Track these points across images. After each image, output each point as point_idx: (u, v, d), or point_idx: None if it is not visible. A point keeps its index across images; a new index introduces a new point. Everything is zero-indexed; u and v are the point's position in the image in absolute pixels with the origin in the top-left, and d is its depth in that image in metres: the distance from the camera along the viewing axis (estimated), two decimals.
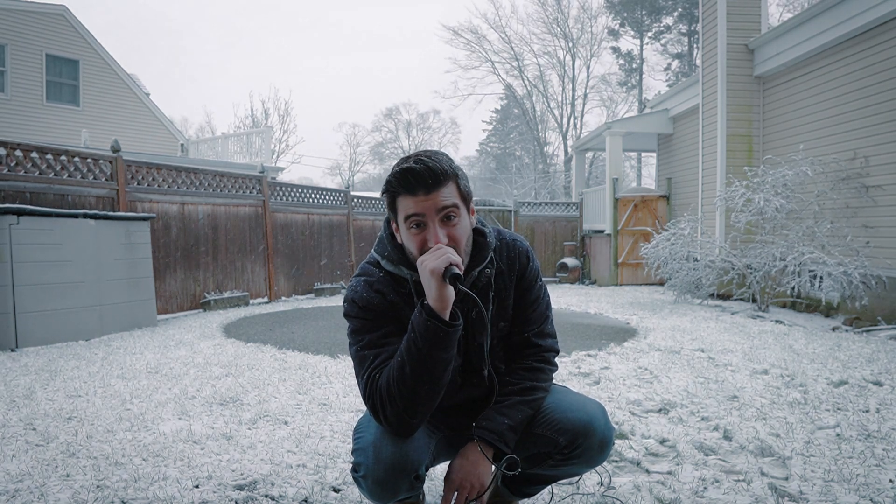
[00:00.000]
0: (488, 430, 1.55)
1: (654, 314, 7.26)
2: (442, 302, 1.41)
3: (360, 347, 1.53)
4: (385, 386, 1.44)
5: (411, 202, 1.46)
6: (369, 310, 1.54)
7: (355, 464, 1.47)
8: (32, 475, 2.25)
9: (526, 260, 1.69)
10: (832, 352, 4.74)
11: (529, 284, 1.69)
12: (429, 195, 1.45)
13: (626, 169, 33.60)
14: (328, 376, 3.97)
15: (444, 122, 51.03)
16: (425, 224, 1.46)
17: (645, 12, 32.50)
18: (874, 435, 2.70)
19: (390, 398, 1.43)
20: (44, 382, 3.78)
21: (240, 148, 17.82)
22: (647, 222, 12.25)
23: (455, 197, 1.48)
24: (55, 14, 14.70)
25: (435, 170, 1.45)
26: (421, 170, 1.44)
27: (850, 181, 7.24)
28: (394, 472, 1.42)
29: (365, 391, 1.48)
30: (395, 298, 1.55)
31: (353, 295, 1.57)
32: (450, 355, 1.45)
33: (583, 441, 1.58)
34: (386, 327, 1.54)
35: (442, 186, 1.46)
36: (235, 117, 54.03)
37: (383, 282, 1.57)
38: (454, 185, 1.49)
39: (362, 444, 1.47)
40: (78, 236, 5.65)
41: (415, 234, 1.47)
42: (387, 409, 1.44)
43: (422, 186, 1.44)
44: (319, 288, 10.24)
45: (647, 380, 3.82)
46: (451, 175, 1.48)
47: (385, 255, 1.59)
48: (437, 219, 1.46)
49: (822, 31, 7.62)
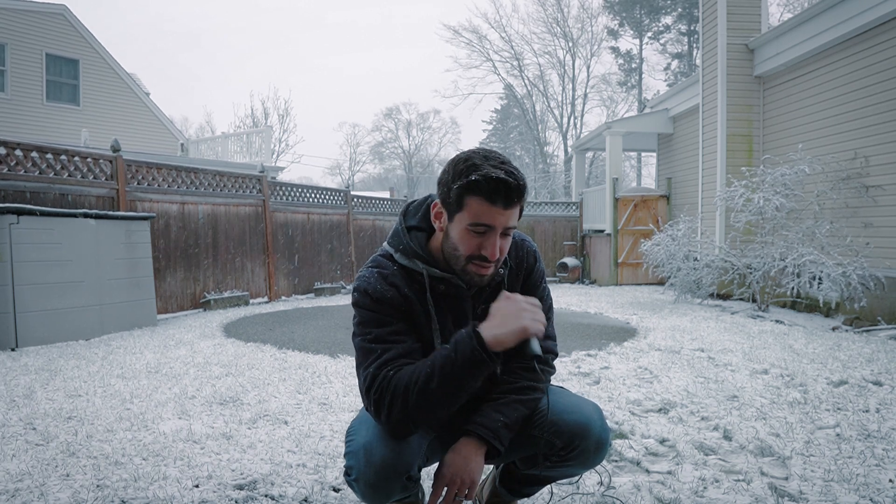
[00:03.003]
0: (482, 426, 1.53)
1: (654, 314, 7.26)
2: (501, 345, 1.39)
3: (367, 340, 1.51)
4: (403, 389, 1.41)
5: (487, 210, 1.42)
6: (382, 303, 1.51)
7: (347, 467, 1.46)
8: (32, 475, 2.25)
9: (533, 260, 1.69)
10: (832, 352, 4.74)
11: (535, 284, 1.69)
12: (506, 210, 1.43)
13: (626, 169, 33.61)
14: (328, 376, 3.97)
15: (444, 121, 51.04)
16: (487, 235, 1.45)
17: (644, 12, 32.50)
18: (874, 435, 2.70)
19: (404, 403, 1.40)
20: (44, 382, 3.78)
21: (240, 148, 17.82)
22: (647, 222, 12.24)
23: (518, 214, 1.49)
24: (55, 14, 14.70)
25: (521, 189, 1.43)
26: (513, 186, 1.41)
27: (849, 181, 7.24)
28: (385, 475, 1.41)
29: (371, 384, 1.45)
30: (409, 293, 1.54)
31: (367, 286, 1.53)
32: (479, 384, 1.43)
33: (579, 443, 1.57)
34: (396, 324, 1.52)
35: (518, 206, 1.46)
36: (235, 117, 54.15)
37: (398, 275, 1.55)
38: (522, 204, 1.49)
39: (353, 447, 1.45)
40: (78, 236, 5.65)
41: (473, 238, 1.45)
42: (393, 410, 1.41)
43: (506, 201, 1.42)
44: (319, 287, 10.25)
45: (647, 380, 3.82)
46: (525, 196, 1.48)
47: (400, 248, 1.57)
48: (500, 231, 1.45)
49: (822, 31, 7.62)
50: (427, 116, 48.11)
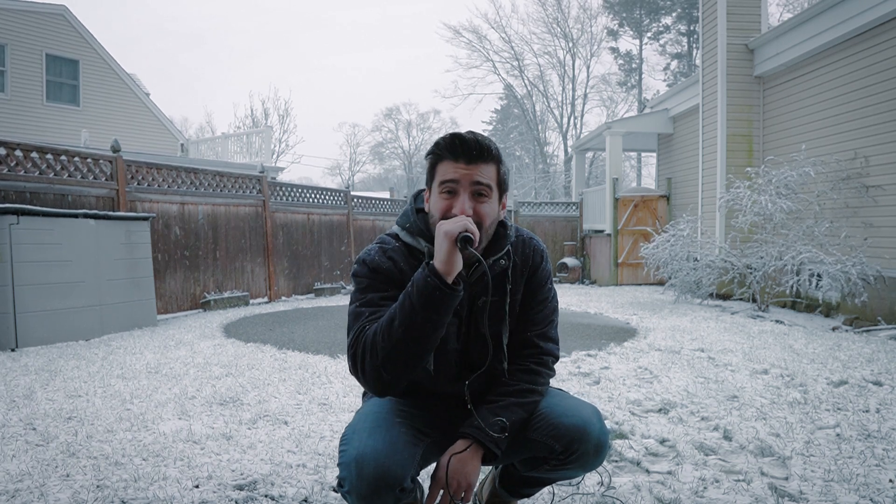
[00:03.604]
0: (479, 428, 1.52)
1: (654, 314, 7.26)
2: (448, 266, 1.41)
3: (358, 304, 1.56)
4: (371, 336, 1.45)
5: (451, 168, 1.51)
6: (378, 272, 1.57)
7: (340, 478, 1.45)
8: (32, 475, 2.25)
9: (540, 259, 1.70)
10: (832, 352, 4.74)
11: (540, 284, 1.69)
12: (469, 165, 1.50)
13: (626, 169, 33.60)
14: (328, 376, 3.97)
15: (444, 121, 50.95)
16: (457, 193, 1.51)
17: (644, 12, 32.51)
18: (874, 435, 2.70)
19: (372, 349, 1.44)
20: (44, 382, 3.78)
21: (240, 148, 17.82)
22: (647, 222, 12.25)
23: (492, 179, 1.53)
24: (55, 14, 14.70)
25: (482, 143, 1.51)
26: (469, 139, 1.50)
27: (850, 181, 7.24)
28: (377, 488, 1.39)
29: (350, 342, 1.50)
30: (406, 268, 1.57)
31: (366, 256, 1.60)
32: (442, 320, 1.43)
33: (578, 446, 1.56)
34: (388, 291, 1.55)
35: (483, 163, 1.51)
36: (235, 117, 54.15)
37: (398, 251, 1.60)
38: (495, 167, 1.54)
39: (346, 458, 1.44)
40: (78, 236, 5.65)
41: (444, 200, 1.52)
42: (366, 360, 1.45)
43: (465, 155, 1.50)
44: (319, 288, 10.25)
45: (647, 380, 3.82)
46: (495, 157, 1.54)
47: (406, 226, 1.62)
48: (469, 191, 1.50)
49: (822, 31, 7.62)
50: (427, 116, 48.17)
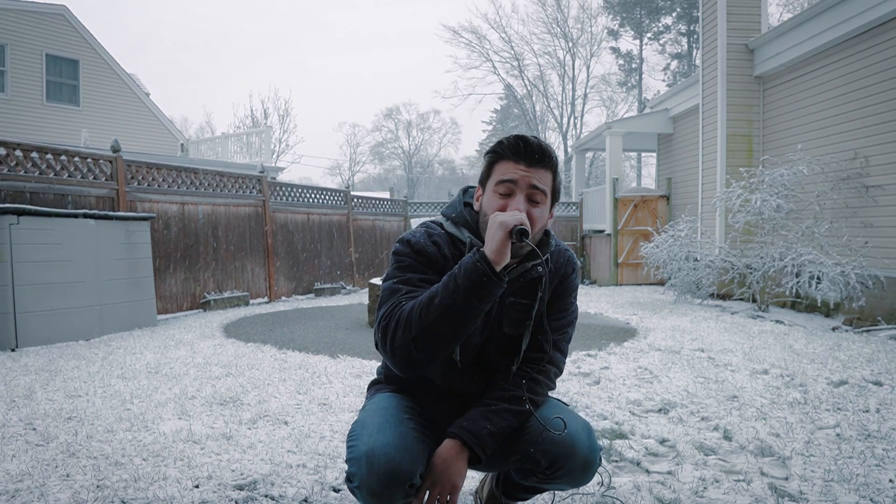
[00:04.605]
0: (467, 430, 1.51)
1: (654, 314, 7.26)
2: (499, 255, 1.41)
3: (396, 281, 1.55)
4: (407, 311, 1.44)
5: (511, 168, 1.52)
6: (421, 254, 1.57)
7: (349, 473, 1.44)
8: (32, 475, 2.25)
9: (570, 270, 1.71)
10: (832, 352, 4.74)
11: (565, 293, 1.71)
12: (529, 168, 1.51)
13: (626, 169, 33.60)
14: (328, 376, 3.97)
15: (444, 122, 51.05)
16: (513, 194, 1.51)
17: (644, 12, 32.52)
18: (874, 435, 2.70)
19: (406, 323, 1.43)
20: (44, 382, 3.78)
21: (240, 148, 17.82)
22: (647, 222, 12.24)
23: (547, 186, 1.55)
24: (55, 14, 14.69)
25: (545, 148, 1.53)
26: (533, 142, 1.52)
27: (850, 181, 7.24)
28: (388, 483, 1.39)
29: (383, 314, 1.48)
30: (448, 255, 1.58)
31: (410, 237, 1.60)
32: (482, 307, 1.43)
33: (564, 462, 1.54)
34: (427, 274, 1.55)
35: (543, 168, 1.53)
36: (235, 117, 54.10)
37: (442, 237, 1.61)
38: (552, 175, 1.56)
39: (356, 453, 1.44)
40: (78, 236, 5.65)
41: (499, 198, 1.52)
42: (398, 333, 1.44)
43: (527, 157, 1.51)
44: (319, 288, 10.25)
45: (647, 380, 3.82)
46: (554, 164, 1.55)
47: (452, 216, 1.63)
48: (525, 193, 1.51)
49: (822, 31, 7.62)
50: (427, 117, 48.16)
